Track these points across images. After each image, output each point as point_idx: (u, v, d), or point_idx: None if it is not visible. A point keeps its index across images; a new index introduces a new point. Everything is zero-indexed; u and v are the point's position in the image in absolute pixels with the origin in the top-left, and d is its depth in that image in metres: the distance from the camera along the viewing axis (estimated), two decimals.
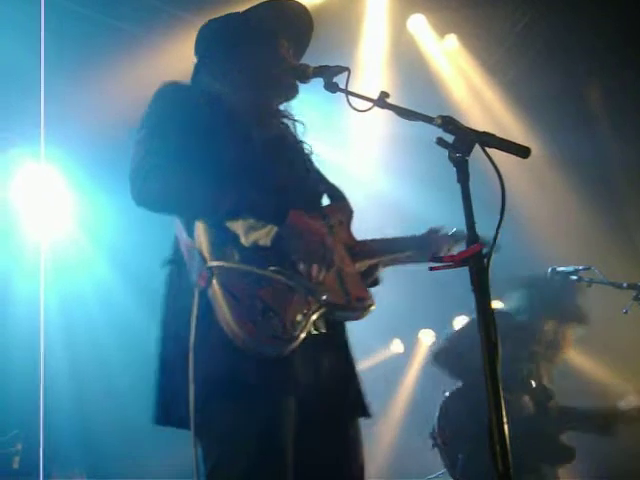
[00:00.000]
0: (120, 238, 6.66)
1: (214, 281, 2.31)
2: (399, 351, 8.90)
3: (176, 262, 2.56)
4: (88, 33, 6.02)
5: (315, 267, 2.43)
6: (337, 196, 2.81)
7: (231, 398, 2.32)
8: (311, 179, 2.77)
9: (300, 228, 2.42)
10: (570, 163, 7.55)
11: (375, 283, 2.85)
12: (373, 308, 2.59)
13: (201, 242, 2.40)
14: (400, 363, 8.73)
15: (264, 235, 2.37)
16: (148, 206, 2.47)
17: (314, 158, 2.85)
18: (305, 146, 2.84)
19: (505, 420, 1.93)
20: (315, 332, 2.43)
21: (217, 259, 2.35)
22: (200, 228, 2.41)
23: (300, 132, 2.85)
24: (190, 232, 2.45)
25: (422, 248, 2.90)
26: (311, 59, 2.86)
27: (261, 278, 2.35)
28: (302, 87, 2.76)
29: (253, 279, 2.35)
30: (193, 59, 2.86)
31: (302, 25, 2.89)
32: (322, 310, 2.43)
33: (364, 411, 2.63)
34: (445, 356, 5.27)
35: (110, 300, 6.94)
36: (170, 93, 2.64)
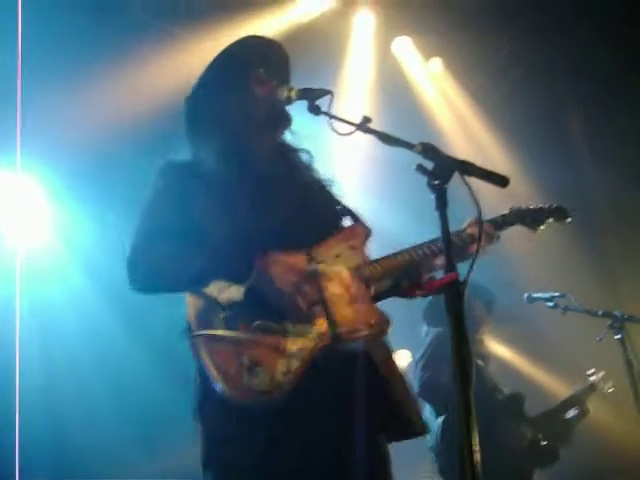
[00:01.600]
0: (96, 247, 6.62)
1: (201, 350, 2.39)
2: None
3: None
4: (71, 43, 5.96)
5: (297, 306, 2.43)
6: (351, 219, 2.80)
7: (234, 462, 2.40)
8: (318, 208, 2.74)
9: (269, 274, 2.42)
10: (550, 189, 7.59)
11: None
12: (385, 330, 2.56)
13: (190, 312, 2.48)
14: None
15: (235, 292, 2.40)
16: (141, 291, 2.60)
17: (326, 183, 2.84)
18: (312, 174, 2.82)
19: (477, 448, 1.93)
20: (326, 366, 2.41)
21: (201, 327, 2.42)
22: (189, 299, 2.49)
23: (306, 160, 2.84)
24: None
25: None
26: (296, 81, 2.86)
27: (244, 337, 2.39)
28: None
29: (237, 339, 2.38)
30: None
31: (274, 52, 2.87)
32: (320, 348, 2.42)
33: (414, 430, 2.62)
34: (432, 390, 5.08)
35: (84, 308, 6.90)
36: (162, 174, 2.71)
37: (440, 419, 4.97)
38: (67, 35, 5.91)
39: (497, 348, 7.14)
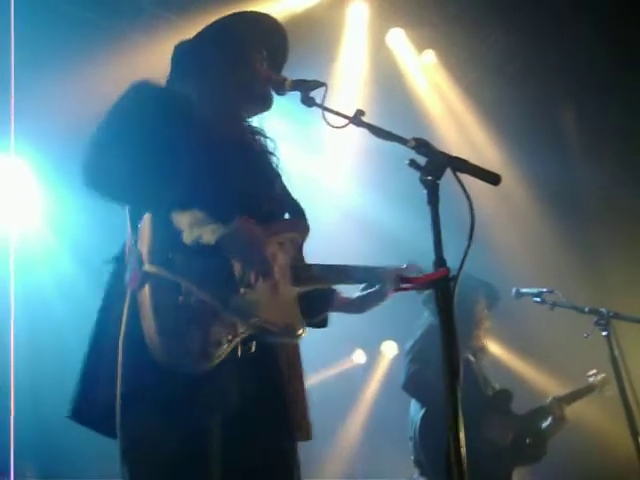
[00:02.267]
0: (85, 234, 6.61)
1: (146, 286, 2.24)
2: (361, 362, 8.90)
3: (119, 260, 2.48)
4: (64, 27, 5.92)
5: (252, 275, 2.37)
6: (297, 213, 2.76)
7: (151, 408, 2.25)
8: (276, 191, 2.74)
9: (245, 233, 2.36)
10: (541, 184, 7.61)
11: (322, 323, 2.80)
12: (303, 335, 2.49)
13: (143, 240, 2.31)
14: (362, 374, 8.73)
15: (209, 232, 2.28)
16: (97, 190, 2.41)
17: (282, 173, 2.81)
18: (274, 159, 2.81)
19: (463, 444, 1.94)
20: (243, 352, 2.35)
21: (155, 264, 2.27)
22: (146, 223, 2.32)
23: (271, 147, 2.83)
24: (135, 226, 2.37)
25: (377, 283, 2.82)
26: (290, 70, 2.86)
27: (193, 292, 2.27)
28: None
29: (185, 290, 2.26)
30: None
31: (278, 36, 2.89)
32: (251, 332, 2.36)
33: (300, 435, 2.55)
34: (417, 384, 5.07)
35: (73, 293, 6.90)
36: (142, 91, 2.58)
37: (421, 412, 5.00)
38: (59, 21, 5.88)
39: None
